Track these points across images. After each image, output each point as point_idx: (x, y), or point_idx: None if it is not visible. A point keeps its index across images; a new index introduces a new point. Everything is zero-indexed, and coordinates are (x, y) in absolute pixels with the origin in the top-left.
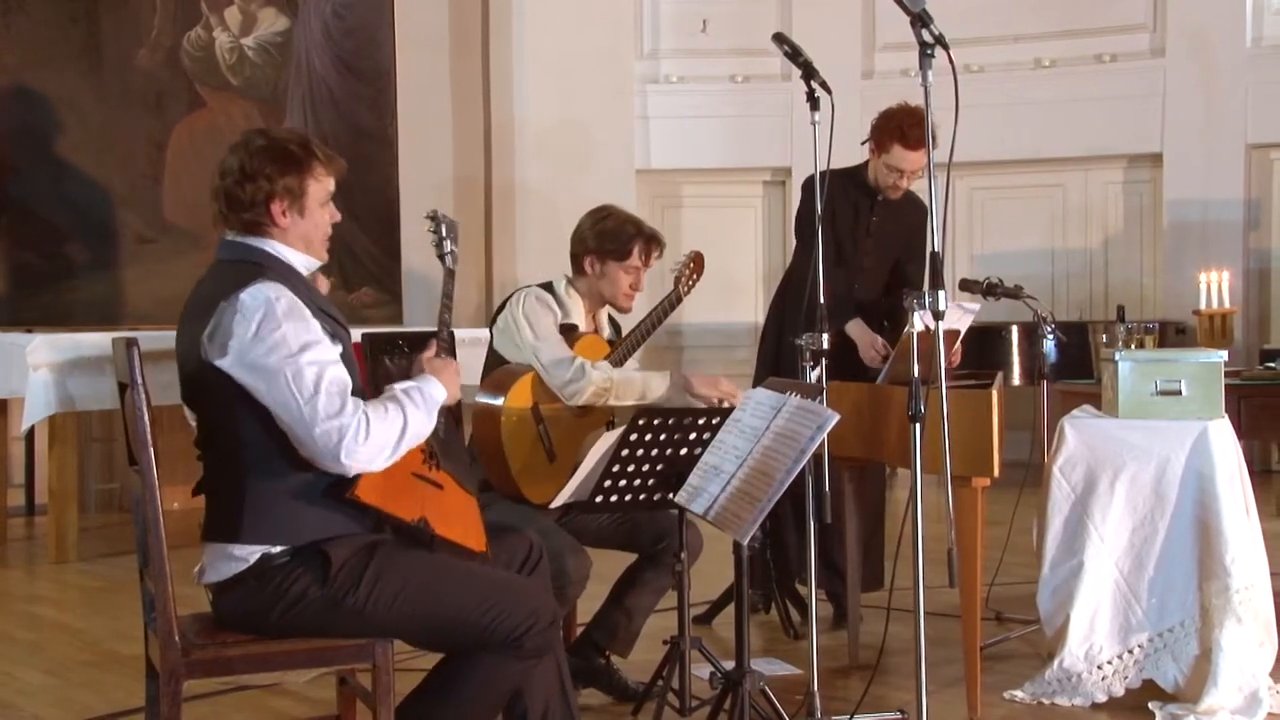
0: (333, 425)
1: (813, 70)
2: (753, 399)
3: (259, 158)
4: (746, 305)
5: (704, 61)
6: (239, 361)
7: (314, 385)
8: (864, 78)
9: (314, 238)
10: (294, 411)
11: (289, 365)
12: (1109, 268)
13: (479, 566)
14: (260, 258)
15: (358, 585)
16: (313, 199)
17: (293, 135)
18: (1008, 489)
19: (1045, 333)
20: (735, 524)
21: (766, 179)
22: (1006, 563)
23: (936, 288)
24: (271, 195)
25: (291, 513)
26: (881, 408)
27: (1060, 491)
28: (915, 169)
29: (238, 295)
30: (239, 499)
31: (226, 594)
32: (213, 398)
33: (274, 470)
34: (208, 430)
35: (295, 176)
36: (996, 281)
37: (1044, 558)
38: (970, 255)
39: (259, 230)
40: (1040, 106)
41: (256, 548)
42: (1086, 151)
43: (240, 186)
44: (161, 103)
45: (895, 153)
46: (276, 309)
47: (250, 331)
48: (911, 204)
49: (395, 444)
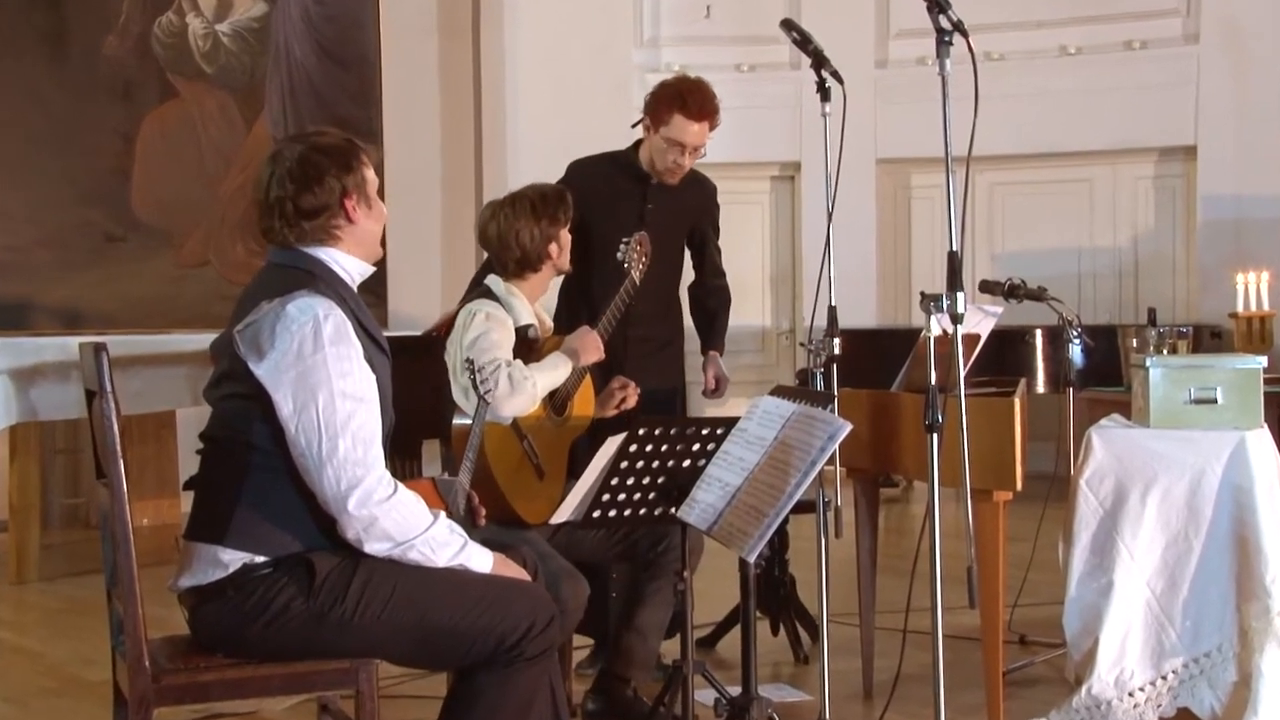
0: (349, 470)
1: (823, 59)
2: (760, 407)
3: (314, 161)
4: (753, 307)
5: (707, 49)
6: (273, 373)
7: (342, 424)
8: (878, 67)
9: (375, 233)
10: (313, 443)
11: (323, 393)
12: (1139, 268)
13: (470, 572)
14: (313, 266)
15: (344, 595)
16: (371, 187)
17: (331, 132)
18: (1031, 503)
19: (1071, 337)
20: (741, 540)
21: (774, 174)
22: (1030, 582)
23: (955, 289)
24: (345, 193)
25: (281, 523)
26: (896, 417)
27: (1087, 506)
28: (698, 144)
29: (285, 304)
30: (231, 500)
31: (204, 606)
32: (233, 391)
33: (275, 478)
34: (218, 422)
35: (355, 169)
36: (1019, 283)
37: (1070, 577)
38: (991, 255)
39: (325, 238)
40: (1065, 96)
41: (239, 555)
42: (1115, 144)
43: (307, 193)
44: (131, 92)
45: (675, 123)
46: (324, 329)
47: (292, 347)
48: (692, 181)
49: (408, 536)
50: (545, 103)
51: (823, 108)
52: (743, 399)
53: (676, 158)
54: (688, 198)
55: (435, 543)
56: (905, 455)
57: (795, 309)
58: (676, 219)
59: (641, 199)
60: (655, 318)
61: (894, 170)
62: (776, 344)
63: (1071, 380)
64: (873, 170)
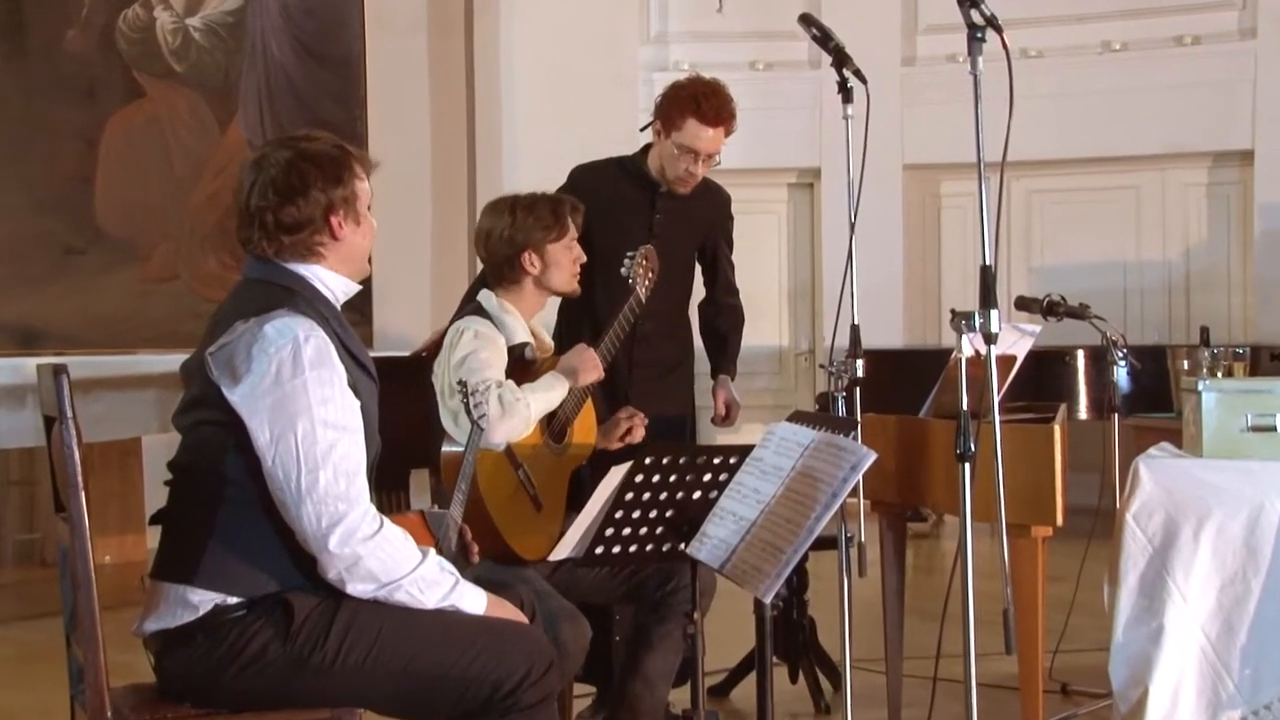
0: (330, 506)
1: (845, 56)
2: (776, 435)
3: (300, 170)
4: (769, 326)
5: (719, 47)
6: (249, 399)
7: (323, 455)
8: (904, 65)
9: (363, 250)
10: (291, 476)
11: (302, 422)
12: (1190, 283)
13: (461, 614)
14: (293, 283)
15: (324, 639)
16: (363, 203)
17: (324, 138)
18: (1073, 540)
19: (1116, 359)
20: (756, 579)
21: (792, 181)
22: (1073, 626)
23: (988, 306)
24: (330, 209)
25: (256, 561)
26: (925, 445)
27: (1135, 543)
28: (713, 151)
29: (262, 324)
30: (202, 536)
31: (171, 651)
32: (205, 417)
33: (249, 513)
34: (188, 451)
35: (346, 183)
36: (1058, 299)
37: (1117, 621)
38: (1027, 269)
39: (307, 254)
40: (1109, 97)
41: (210, 595)
42: (1164, 148)
43: (290, 206)
44: (94, 92)
45: (689, 129)
46: (304, 352)
47: (269, 370)
48: (704, 191)
49: (394, 576)
50: (544, 105)
51: (844, 109)
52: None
53: (689, 165)
54: (699, 208)
55: (424, 583)
56: (935, 487)
57: (815, 328)
58: (687, 231)
59: (650, 208)
60: (663, 338)
61: (922, 177)
62: (794, 366)
63: (1116, 406)
64: (899, 177)
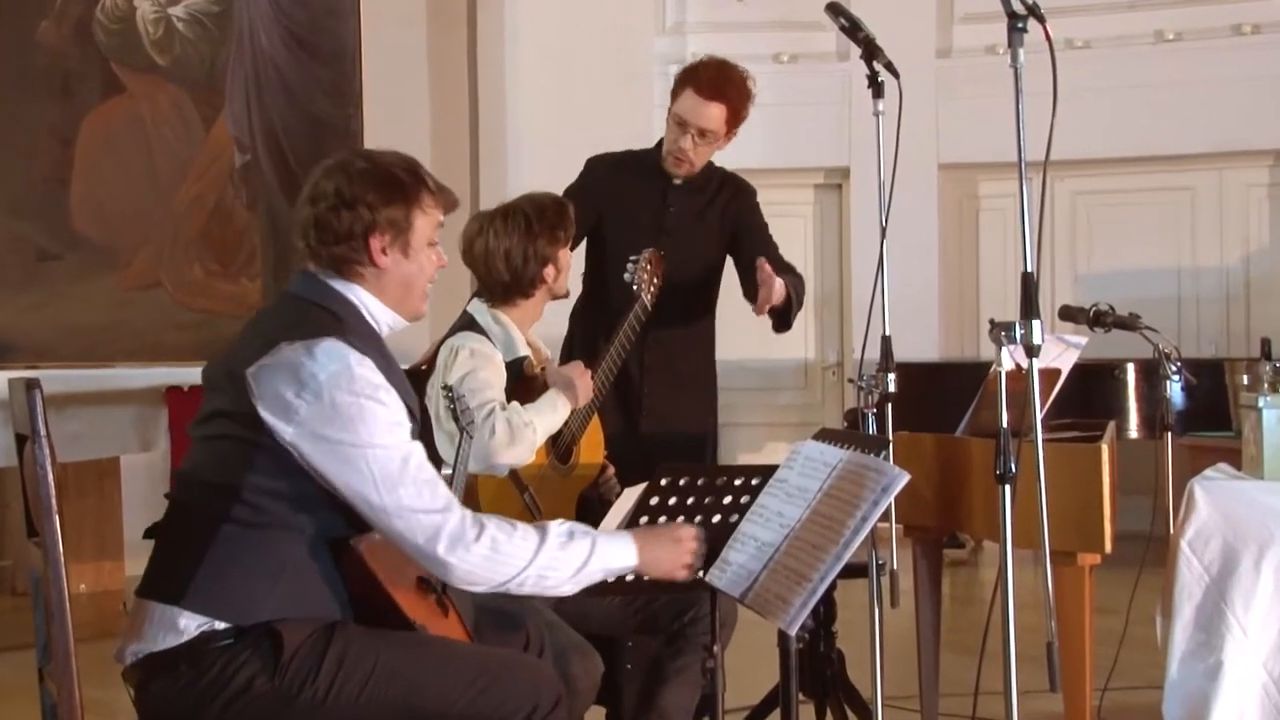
0: (424, 519)
1: (875, 48)
2: (802, 454)
3: (360, 182)
4: (794, 339)
5: (741, 38)
6: (308, 433)
7: (399, 473)
8: (939, 56)
9: (414, 285)
10: (373, 501)
11: (369, 447)
12: (1250, 291)
13: (464, 643)
14: (339, 306)
15: (316, 672)
16: (419, 236)
17: (399, 159)
18: (1123, 569)
19: (1169, 373)
20: (780, 609)
21: (819, 182)
22: (1123, 662)
23: (1030, 316)
24: (372, 227)
25: (252, 586)
26: (962, 466)
27: (1191, 572)
28: (703, 127)
29: (311, 349)
30: (197, 555)
31: (152, 682)
32: (228, 432)
33: (253, 535)
34: (200, 463)
35: (401, 207)
36: (1106, 309)
37: (1171, 656)
38: (1073, 276)
39: (349, 271)
40: (1162, 90)
41: (199, 620)
42: (1221, 146)
43: (335, 213)
44: (69, 87)
45: (683, 99)
46: (357, 376)
47: (324, 399)
48: (724, 183)
49: (510, 574)
50: (551, 102)
51: (875, 105)
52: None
53: (678, 138)
54: (718, 200)
55: (547, 570)
56: (973, 511)
57: (843, 339)
58: (704, 225)
59: (661, 202)
60: (679, 344)
61: (959, 177)
62: (822, 380)
63: (1170, 424)
64: (934, 177)
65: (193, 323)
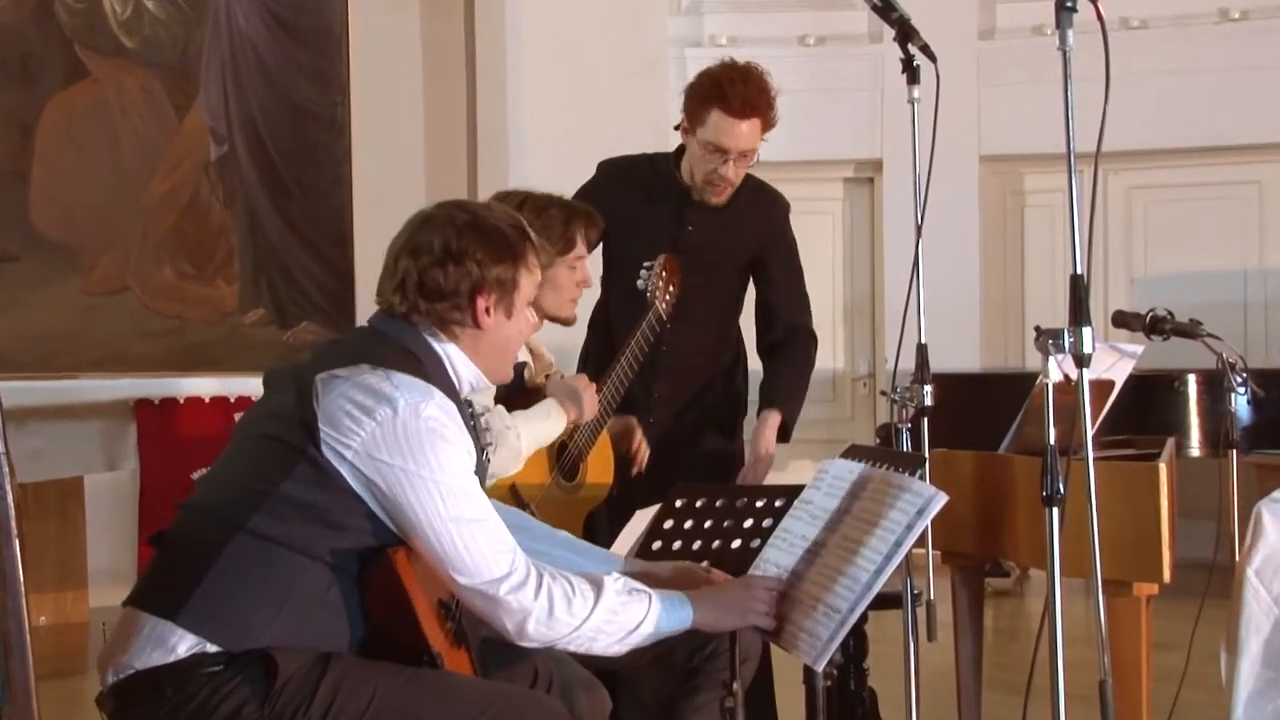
0: (485, 561)
1: (911, 29)
2: (829, 473)
3: (468, 237)
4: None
5: (764, 18)
6: (372, 453)
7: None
8: (981, 39)
9: (510, 347)
10: (432, 543)
11: (431, 484)
12: None
13: (467, 676)
14: (425, 355)
15: (309, 704)
16: (523, 297)
17: (505, 214)
18: (1184, 599)
19: (1234, 384)
20: (806, 643)
21: (848, 175)
22: (1184, 701)
23: (1080, 323)
24: (480, 286)
25: (254, 609)
26: (1005, 486)
27: (1258, 604)
28: (745, 149)
29: (390, 376)
30: (203, 567)
31: (129, 709)
32: (276, 434)
33: (266, 552)
34: (231, 466)
35: (509, 266)
36: (1164, 315)
37: (1237, 696)
38: (1128, 279)
39: (446, 330)
40: (1225, 75)
41: (191, 640)
42: None
43: (441, 269)
44: (29, 71)
45: (713, 123)
46: (432, 413)
47: (399, 423)
48: (753, 198)
49: (560, 633)
50: (556, 91)
51: (910, 91)
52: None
53: (717, 166)
54: (744, 219)
55: (596, 632)
56: (1017, 536)
57: (876, 348)
58: (726, 247)
59: (677, 219)
60: (693, 373)
61: (1002, 170)
62: (852, 392)
63: (1235, 440)
64: (975, 170)
65: (164, 330)
